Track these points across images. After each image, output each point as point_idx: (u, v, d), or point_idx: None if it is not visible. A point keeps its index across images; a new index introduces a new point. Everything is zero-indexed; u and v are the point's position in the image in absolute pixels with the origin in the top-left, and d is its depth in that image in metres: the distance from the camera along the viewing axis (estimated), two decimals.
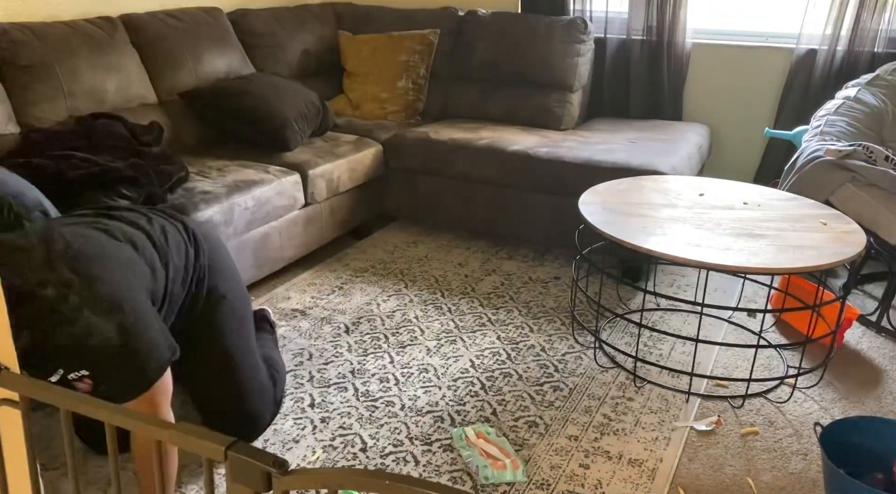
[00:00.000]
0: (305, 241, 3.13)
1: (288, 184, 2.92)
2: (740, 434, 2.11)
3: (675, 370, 2.41)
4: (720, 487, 1.92)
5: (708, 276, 2.89)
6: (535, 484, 1.91)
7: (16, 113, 2.64)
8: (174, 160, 2.71)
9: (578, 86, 3.74)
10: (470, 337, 2.63)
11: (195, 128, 3.24)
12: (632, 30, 3.81)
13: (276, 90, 3.23)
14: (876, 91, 3.08)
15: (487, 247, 3.44)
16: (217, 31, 3.41)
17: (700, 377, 2.39)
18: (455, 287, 3.03)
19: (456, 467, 1.97)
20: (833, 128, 2.89)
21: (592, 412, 2.22)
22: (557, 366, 2.46)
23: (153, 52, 3.12)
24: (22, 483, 1.10)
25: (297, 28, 3.82)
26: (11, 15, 2.83)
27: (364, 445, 2.06)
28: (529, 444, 2.07)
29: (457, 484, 1.91)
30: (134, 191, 2.36)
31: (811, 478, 1.95)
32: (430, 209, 3.50)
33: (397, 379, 2.37)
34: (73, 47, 2.79)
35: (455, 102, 3.90)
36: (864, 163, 2.59)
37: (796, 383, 2.36)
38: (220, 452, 0.82)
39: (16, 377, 0.97)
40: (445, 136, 3.41)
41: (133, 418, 0.88)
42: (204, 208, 2.57)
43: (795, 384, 2.36)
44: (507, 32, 3.77)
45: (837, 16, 3.38)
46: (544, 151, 3.20)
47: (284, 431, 2.11)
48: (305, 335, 2.64)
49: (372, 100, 3.85)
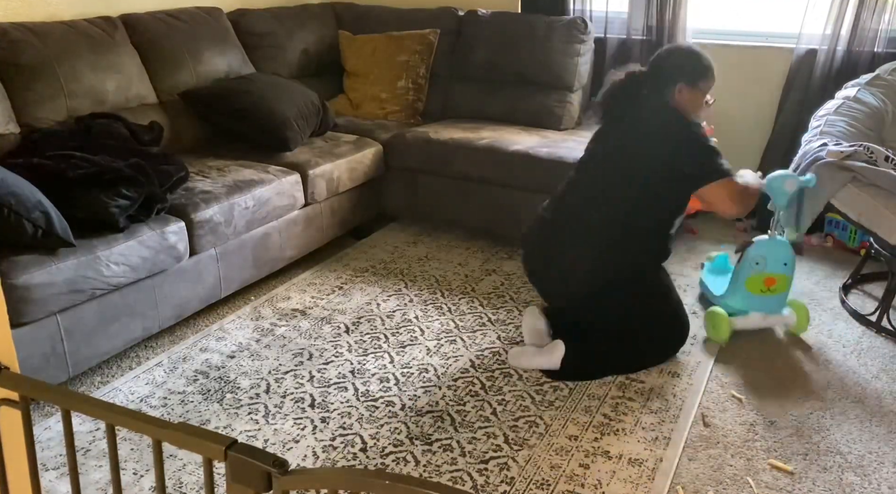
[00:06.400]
0: (305, 241, 3.13)
1: (288, 184, 2.92)
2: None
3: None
4: (720, 487, 1.92)
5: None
6: (535, 484, 1.91)
7: (16, 113, 2.64)
8: (174, 160, 2.71)
9: (578, 86, 3.74)
10: (470, 337, 2.63)
11: (195, 128, 3.24)
12: (632, 30, 3.81)
13: (276, 90, 3.23)
14: (876, 91, 3.08)
15: (487, 246, 3.44)
16: (217, 31, 3.41)
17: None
18: (455, 287, 3.03)
19: (456, 467, 1.97)
20: (833, 128, 2.88)
21: (592, 412, 2.22)
22: None
23: (153, 52, 3.12)
24: (22, 483, 1.10)
25: (297, 28, 3.82)
26: (11, 15, 2.83)
27: (364, 445, 2.06)
28: (529, 444, 2.07)
29: (457, 484, 1.91)
30: (134, 191, 2.35)
31: (811, 477, 1.95)
32: (430, 209, 3.50)
33: (397, 379, 2.37)
34: (73, 47, 2.79)
35: (455, 102, 3.90)
36: (864, 163, 2.59)
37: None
38: (220, 452, 0.82)
39: (16, 377, 0.97)
40: (445, 136, 3.41)
41: (133, 418, 0.89)
42: (204, 208, 2.57)
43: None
44: (507, 32, 3.77)
45: (837, 16, 3.37)
46: (544, 151, 3.20)
47: (284, 431, 2.11)
48: (305, 335, 2.64)
49: (372, 100, 3.85)
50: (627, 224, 2.40)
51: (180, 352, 2.52)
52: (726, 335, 2.57)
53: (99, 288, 2.23)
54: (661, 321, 2.46)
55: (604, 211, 2.41)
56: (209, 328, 2.68)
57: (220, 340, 2.60)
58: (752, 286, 2.58)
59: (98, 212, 2.26)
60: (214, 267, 2.68)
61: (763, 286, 2.57)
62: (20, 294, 2.02)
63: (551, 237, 2.50)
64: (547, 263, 2.52)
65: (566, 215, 2.48)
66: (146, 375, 2.39)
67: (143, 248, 2.34)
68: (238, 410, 2.21)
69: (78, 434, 2.09)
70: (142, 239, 2.35)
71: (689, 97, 2.46)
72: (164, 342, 2.60)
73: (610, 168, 2.45)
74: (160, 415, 2.20)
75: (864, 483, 1.93)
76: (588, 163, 2.54)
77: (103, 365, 2.44)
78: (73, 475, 0.99)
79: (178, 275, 2.53)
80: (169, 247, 2.43)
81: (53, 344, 2.16)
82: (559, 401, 2.27)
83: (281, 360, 2.47)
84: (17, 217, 2.03)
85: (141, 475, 1.93)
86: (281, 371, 2.41)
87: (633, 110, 2.45)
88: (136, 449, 2.02)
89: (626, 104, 2.46)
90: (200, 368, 2.42)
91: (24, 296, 2.03)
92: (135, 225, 2.36)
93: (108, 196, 2.29)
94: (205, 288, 2.66)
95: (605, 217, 2.41)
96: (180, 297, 2.55)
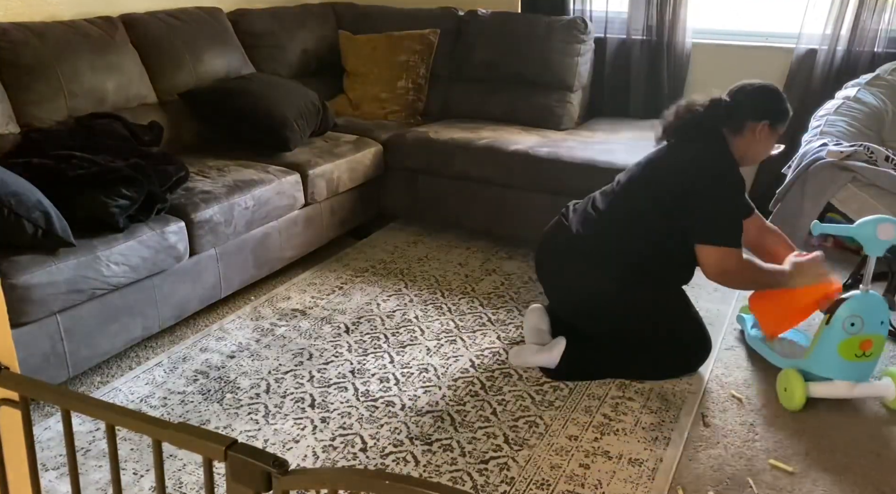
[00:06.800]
0: (305, 241, 3.13)
1: (288, 183, 2.92)
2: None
3: None
4: (720, 487, 1.92)
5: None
6: (535, 484, 1.91)
7: (16, 113, 2.64)
8: (174, 160, 2.71)
9: (578, 86, 3.74)
10: (470, 337, 2.63)
11: (195, 128, 3.24)
12: (632, 30, 3.81)
13: (276, 90, 3.23)
14: (876, 91, 3.08)
15: (487, 246, 3.44)
16: (217, 31, 3.41)
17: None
18: (455, 287, 3.02)
19: (456, 467, 1.97)
20: (833, 128, 2.89)
21: (592, 412, 2.22)
22: None
23: (153, 52, 3.12)
24: (22, 483, 1.10)
25: (297, 28, 3.82)
26: (11, 15, 2.83)
27: (364, 445, 2.06)
28: (529, 444, 2.07)
29: (457, 484, 1.91)
30: (134, 191, 2.35)
31: (811, 477, 1.95)
32: (430, 209, 3.50)
33: (397, 379, 2.37)
34: (73, 47, 2.79)
35: (455, 102, 3.90)
36: (864, 163, 2.59)
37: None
38: (220, 452, 0.82)
39: (16, 377, 0.97)
40: (445, 136, 3.41)
41: (133, 418, 0.89)
42: (204, 208, 2.57)
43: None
44: (507, 32, 3.77)
45: (837, 15, 3.37)
46: (544, 151, 3.20)
47: (284, 431, 2.11)
48: (305, 335, 2.64)
49: (372, 100, 3.85)
50: (652, 248, 2.32)
51: (180, 352, 2.52)
52: (801, 404, 2.21)
53: (99, 288, 2.23)
54: (682, 334, 2.38)
55: (633, 231, 2.33)
56: (209, 328, 2.68)
57: (220, 340, 2.60)
58: (846, 351, 2.17)
59: (98, 212, 2.26)
60: (214, 267, 2.68)
61: (859, 350, 2.17)
62: (20, 294, 2.02)
63: (570, 248, 2.43)
64: (559, 274, 2.47)
65: (591, 228, 2.39)
66: (146, 375, 2.39)
67: (143, 248, 2.34)
68: (238, 410, 2.21)
69: (78, 434, 2.09)
70: (142, 239, 2.34)
71: (765, 138, 2.33)
72: (164, 342, 2.60)
73: (648, 193, 2.33)
74: (160, 415, 2.20)
75: (865, 483, 1.93)
76: (633, 179, 2.40)
77: (103, 365, 2.44)
78: (73, 475, 0.99)
79: (178, 275, 2.53)
80: (169, 247, 2.43)
81: (53, 344, 2.16)
82: (559, 401, 2.27)
83: (281, 360, 2.47)
84: (17, 217, 2.03)
85: (141, 475, 1.93)
86: (281, 371, 2.41)
87: (695, 142, 2.33)
88: (136, 449, 2.02)
89: (695, 131, 2.33)
90: (200, 368, 2.42)
91: (24, 296, 2.03)
92: (135, 225, 2.36)
93: (108, 196, 2.29)
94: (205, 288, 2.66)
95: (632, 234, 2.33)
96: (180, 297, 2.55)
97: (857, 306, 2.16)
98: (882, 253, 2.22)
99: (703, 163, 2.29)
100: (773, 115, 2.31)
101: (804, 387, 2.19)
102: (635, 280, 2.34)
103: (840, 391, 2.21)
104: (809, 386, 2.20)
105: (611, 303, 2.37)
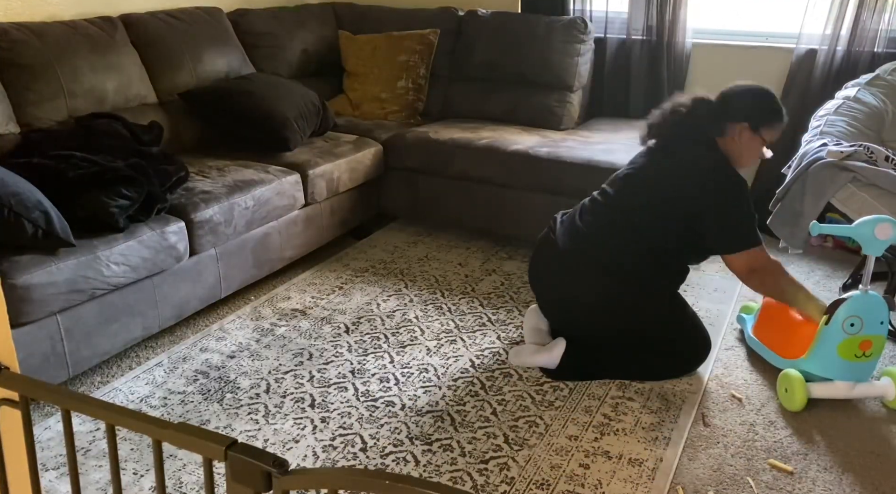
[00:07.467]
0: (305, 241, 3.13)
1: (288, 183, 2.92)
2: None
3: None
4: (720, 487, 1.92)
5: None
6: (535, 484, 1.91)
7: (16, 113, 2.64)
8: (174, 160, 2.71)
9: (578, 86, 3.74)
10: (470, 337, 2.63)
11: (195, 128, 3.24)
12: (632, 30, 3.81)
13: (276, 90, 3.23)
14: (876, 91, 3.08)
15: (487, 246, 3.44)
16: (217, 31, 3.41)
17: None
18: (455, 287, 3.02)
19: (456, 467, 1.97)
20: (833, 128, 2.89)
21: (592, 412, 2.22)
22: None
23: (153, 52, 3.12)
24: (22, 483, 1.10)
25: (297, 28, 3.82)
26: (11, 15, 2.83)
27: (364, 445, 2.06)
28: (529, 444, 2.07)
29: (457, 484, 1.91)
30: (134, 191, 2.36)
31: (811, 477, 1.95)
32: (430, 209, 3.50)
33: (397, 379, 2.37)
34: (73, 47, 2.79)
35: (455, 102, 3.90)
36: (864, 163, 2.59)
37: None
38: (220, 452, 0.82)
39: (16, 377, 0.97)
40: (445, 136, 3.41)
41: (133, 418, 0.89)
42: (204, 208, 2.57)
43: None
44: (507, 32, 3.77)
45: (837, 16, 3.37)
46: (544, 151, 3.20)
47: (284, 431, 2.11)
48: (305, 335, 2.64)
49: (372, 100, 3.85)
50: (647, 254, 2.32)
51: (180, 352, 2.52)
52: (801, 404, 2.21)
53: (99, 288, 2.23)
54: (681, 335, 2.38)
55: (626, 242, 2.32)
56: (209, 328, 2.68)
57: (220, 340, 2.60)
58: (845, 352, 2.18)
59: (98, 212, 2.26)
60: (214, 267, 2.68)
61: (858, 350, 2.18)
62: (20, 294, 2.02)
63: (560, 265, 2.42)
64: (553, 290, 2.47)
65: (580, 243, 2.37)
66: (146, 375, 2.39)
67: (143, 248, 2.34)
68: (238, 410, 2.21)
69: (78, 434, 2.09)
70: (142, 239, 2.34)
71: (746, 142, 2.29)
72: (164, 342, 2.60)
73: (641, 199, 2.33)
74: (160, 415, 2.20)
75: (865, 483, 1.93)
76: (622, 186, 2.39)
77: (103, 364, 2.44)
78: (73, 475, 0.99)
79: (178, 275, 2.53)
80: (169, 247, 2.43)
81: (53, 344, 2.16)
82: (559, 401, 2.27)
83: (281, 360, 2.47)
84: (17, 217, 2.03)
85: (141, 475, 1.93)
86: (281, 371, 2.41)
87: (684, 145, 2.31)
88: (136, 449, 2.02)
89: (681, 134, 2.32)
90: (200, 368, 2.42)
91: (24, 296, 2.03)
92: (135, 225, 2.36)
93: (108, 196, 2.29)
94: (205, 288, 2.66)
95: (625, 243, 2.32)
96: (180, 297, 2.55)
97: (856, 306, 2.16)
98: (881, 253, 2.22)
99: (703, 172, 2.27)
100: (756, 118, 2.28)
101: (805, 388, 2.19)
102: (629, 290, 2.33)
103: (840, 391, 2.22)
104: (809, 387, 2.20)
105: (606, 314, 2.38)
